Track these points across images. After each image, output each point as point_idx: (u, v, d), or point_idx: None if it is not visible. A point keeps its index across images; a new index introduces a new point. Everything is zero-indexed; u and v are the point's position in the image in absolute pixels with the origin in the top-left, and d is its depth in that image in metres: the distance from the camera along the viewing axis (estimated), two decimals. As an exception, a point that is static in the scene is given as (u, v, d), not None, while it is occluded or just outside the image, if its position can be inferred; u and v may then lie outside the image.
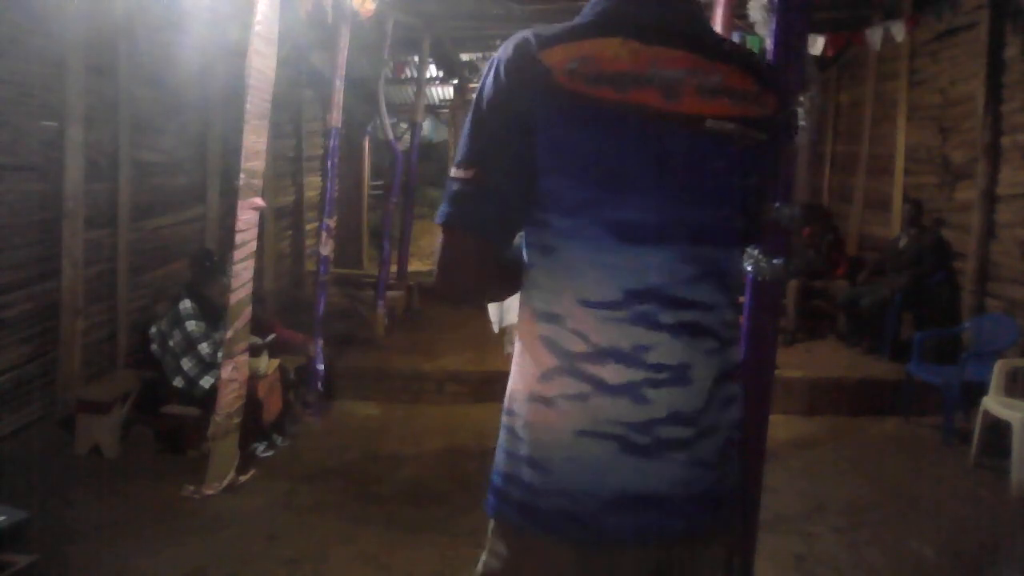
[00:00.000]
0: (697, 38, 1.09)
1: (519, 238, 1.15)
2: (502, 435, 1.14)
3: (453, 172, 1.08)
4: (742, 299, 1.73)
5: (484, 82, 1.07)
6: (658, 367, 1.05)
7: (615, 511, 1.05)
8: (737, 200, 1.11)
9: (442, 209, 1.08)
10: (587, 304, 1.05)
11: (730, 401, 1.13)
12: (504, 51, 1.06)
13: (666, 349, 1.05)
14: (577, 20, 1.09)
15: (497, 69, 1.06)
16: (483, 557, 1.15)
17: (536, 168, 1.05)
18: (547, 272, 1.08)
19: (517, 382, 1.13)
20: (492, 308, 5.12)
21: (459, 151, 1.09)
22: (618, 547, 1.07)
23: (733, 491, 1.14)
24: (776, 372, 1.67)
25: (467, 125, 1.09)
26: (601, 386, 1.05)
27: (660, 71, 1.04)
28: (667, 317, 1.06)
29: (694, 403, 1.07)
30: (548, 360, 1.08)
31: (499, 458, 1.13)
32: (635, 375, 1.05)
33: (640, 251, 1.05)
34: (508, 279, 1.15)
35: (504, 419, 1.14)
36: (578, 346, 1.05)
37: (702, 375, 1.08)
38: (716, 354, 1.10)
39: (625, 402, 1.05)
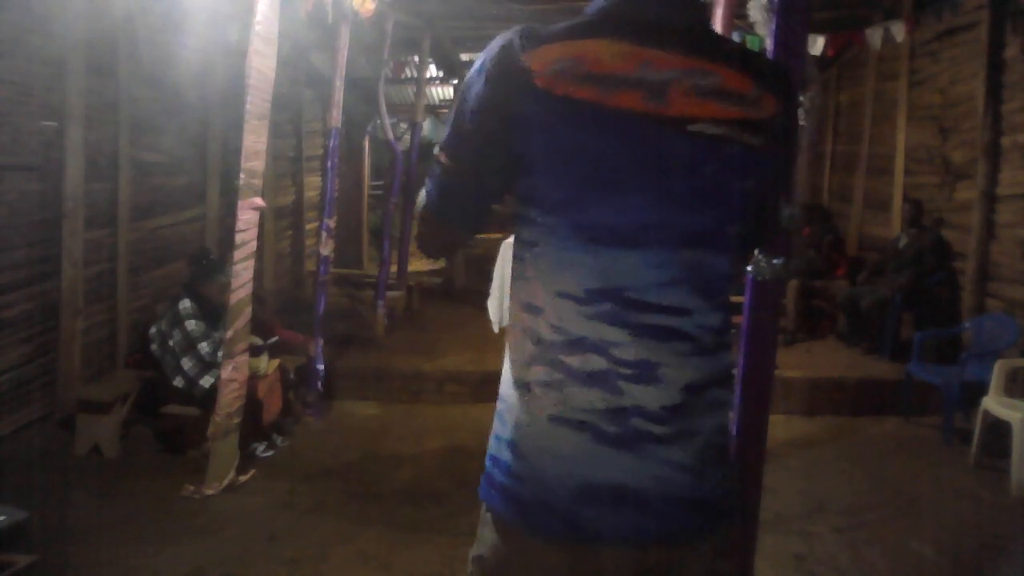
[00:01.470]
0: (694, 39, 1.08)
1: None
2: (494, 420, 1.17)
3: (436, 152, 1.15)
4: (740, 299, 1.73)
5: (471, 77, 1.10)
6: (623, 363, 1.06)
7: (589, 503, 1.06)
8: (730, 205, 1.09)
9: (424, 192, 1.18)
10: (560, 295, 1.07)
11: (715, 407, 1.12)
12: (490, 51, 1.09)
13: (629, 347, 1.06)
14: (574, 20, 1.09)
15: (482, 68, 1.08)
16: (476, 541, 1.17)
17: (516, 166, 1.08)
18: (530, 265, 1.11)
19: (505, 369, 1.16)
20: (492, 308, 5.12)
21: (444, 135, 1.14)
22: (596, 544, 1.07)
23: (718, 497, 1.13)
24: (776, 372, 1.67)
25: (452, 114, 1.13)
26: (573, 374, 1.06)
27: (648, 73, 1.03)
28: (630, 317, 1.06)
29: (664, 402, 1.06)
30: (529, 348, 1.10)
31: (490, 441, 1.17)
32: (604, 364, 1.06)
33: (607, 253, 1.06)
34: (460, 249, 1.24)
35: (496, 404, 1.17)
36: (553, 336, 1.08)
37: (673, 376, 1.07)
38: (693, 357, 1.08)
39: (595, 390, 1.06)
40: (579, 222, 1.06)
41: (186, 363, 4.21)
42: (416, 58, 7.81)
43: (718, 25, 3.63)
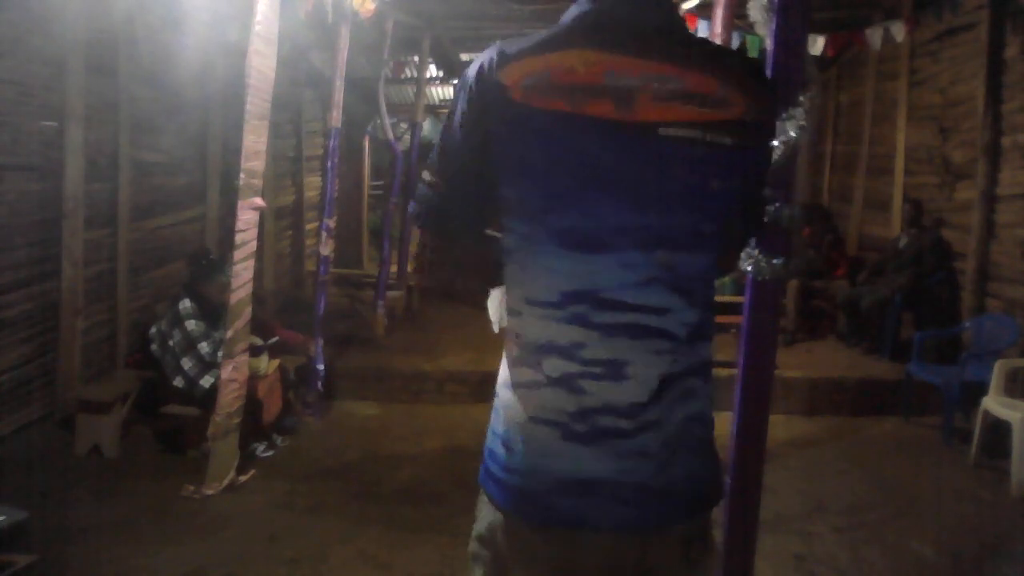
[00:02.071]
0: (661, 43, 1.11)
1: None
2: (492, 414, 1.23)
3: (424, 174, 1.22)
4: (740, 299, 1.73)
5: (456, 97, 1.17)
6: (592, 363, 1.11)
7: (560, 494, 1.12)
8: (703, 205, 1.12)
9: (412, 206, 1.24)
10: (532, 303, 1.13)
11: (688, 397, 1.15)
12: (471, 69, 1.15)
13: (599, 347, 1.10)
14: (550, 29, 1.13)
15: (463, 86, 1.15)
16: (475, 520, 1.25)
17: (495, 179, 1.14)
18: (511, 271, 1.17)
19: (500, 368, 1.23)
20: (492, 308, 5.12)
21: (432, 155, 1.21)
22: (572, 530, 1.13)
23: (690, 486, 1.16)
24: (776, 372, 1.67)
25: (440, 134, 1.20)
26: (546, 377, 1.13)
27: (615, 81, 1.07)
28: (601, 318, 1.10)
29: (631, 397, 1.11)
30: (514, 350, 1.18)
31: (488, 435, 1.23)
32: (571, 368, 1.11)
33: (580, 257, 1.10)
34: (480, 272, 1.30)
35: (494, 400, 1.24)
36: (529, 339, 1.14)
37: (643, 372, 1.11)
38: (668, 354, 1.12)
39: (563, 392, 1.12)
40: (555, 228, 1.10)
41: (186, 363, 4.21)
42: (416, 58, 7.81)
43: (718, 25, 3.64)
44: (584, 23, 1.12)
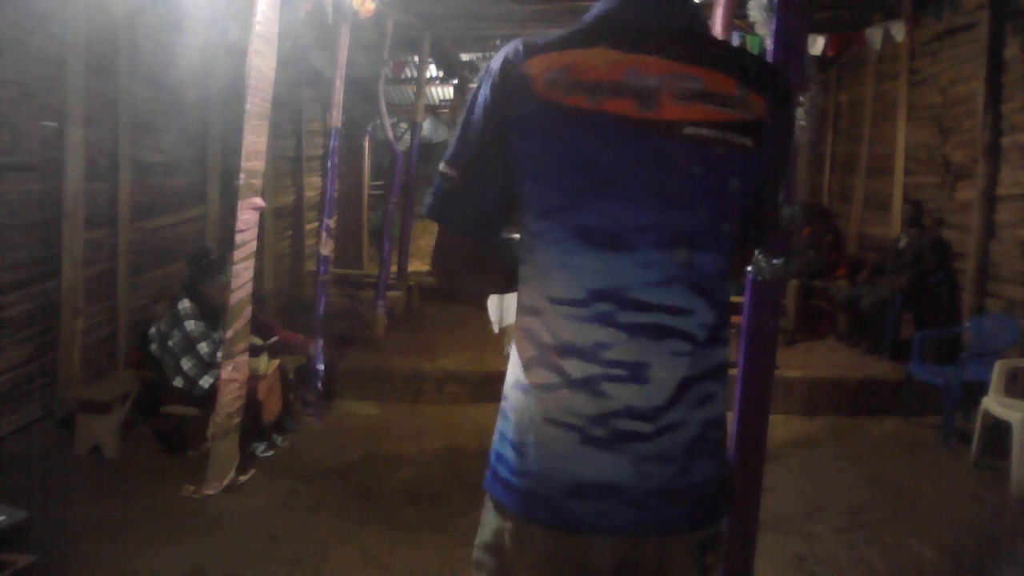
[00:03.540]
0: (682, 43, 1.11)
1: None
2: (498, 416, 1.21)
3: (441, 167, 1.17)
4: (739, 299, 1.73)
5: (478, 87, 1.15)
6: (615, 364, 1.09)
7: (575, 498, 1.11)
8: (722, 205, 1.12)
9: (426, 200, 1.19)
10: (553, 301, 1.11)
11: (706, 399, 1.14)
12: (495, 60, 1.13)
13: (623, 348, 1.09)
14: (572, 27, 1.13)
15: (487, 76, 1.13)
16: (480, 528, 1.22)
17: (513, 173, 1.12)
18: (528, 269, 1.15)
19: (510, 369, 1.20)
20: (492, 308, 5.12)
21: (449, 148, 1.18)
22: (581, 533, 1.11)
23: (707, 491, 1.15)
24: (776, 372, 1.68)
25: (459, 124, 1.17)
26: (566, 378, 1.11)
27: (637, 79, 1.07)
28: (625, 318, 1.09)
29: (652, 400, 1.10)
30: (528, 350, 1.15)
31: (495, 437, 1.21)
32: (594, 370, 1.09)
33: (602, 255, 1.09)
34: (497, 273, 1.23)
35: (501, 402, 1.21)
36: (549, 339, 1.12)
37: (663, 374, 1.10)
38: (687, 356, 1.11)
39: (584, 395, 1.10)
40: (575, 225, 1.09)
41: (186, 363, 4.21)
42: (416, 58, 7.81)
43: (718, 25, 3.64)
44: (606, 21, 1.12)
